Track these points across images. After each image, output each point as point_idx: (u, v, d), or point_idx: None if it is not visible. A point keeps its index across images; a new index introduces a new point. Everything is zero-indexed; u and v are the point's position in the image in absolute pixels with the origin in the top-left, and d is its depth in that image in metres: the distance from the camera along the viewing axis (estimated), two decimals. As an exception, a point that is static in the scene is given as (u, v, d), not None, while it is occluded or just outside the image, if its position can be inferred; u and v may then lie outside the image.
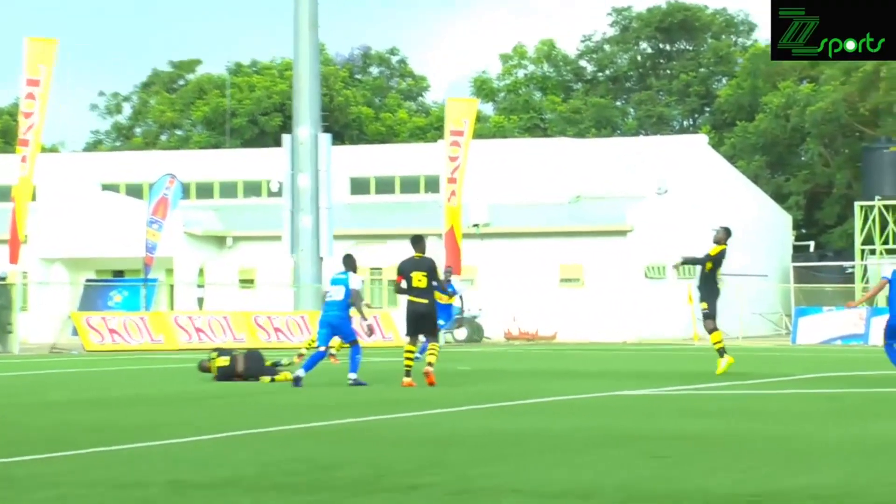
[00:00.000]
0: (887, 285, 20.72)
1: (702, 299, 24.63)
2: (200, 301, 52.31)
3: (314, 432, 14.32)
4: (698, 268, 25.23)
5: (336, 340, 22.75)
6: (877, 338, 41.06)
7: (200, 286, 52.81)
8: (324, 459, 11.86)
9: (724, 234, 24.81)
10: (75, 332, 39.26)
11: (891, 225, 56.78)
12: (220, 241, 54.95)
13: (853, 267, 56.56)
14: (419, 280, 20.74)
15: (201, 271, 53.66)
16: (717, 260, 24.56)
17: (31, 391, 21.64)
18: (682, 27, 76.89)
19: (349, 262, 21.86)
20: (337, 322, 21.32)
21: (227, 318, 41.04)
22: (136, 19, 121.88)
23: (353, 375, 21.09)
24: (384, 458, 11.88)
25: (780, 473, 10.95)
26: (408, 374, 20.87)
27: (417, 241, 21.17)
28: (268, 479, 10.76)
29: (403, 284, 20.93)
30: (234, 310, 43.54)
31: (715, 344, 24.36)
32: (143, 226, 43.78)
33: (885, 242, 56.84)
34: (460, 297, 29.43)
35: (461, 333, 47.05)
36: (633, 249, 51.13)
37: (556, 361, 31.51)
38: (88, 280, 52.02)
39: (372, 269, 51.63)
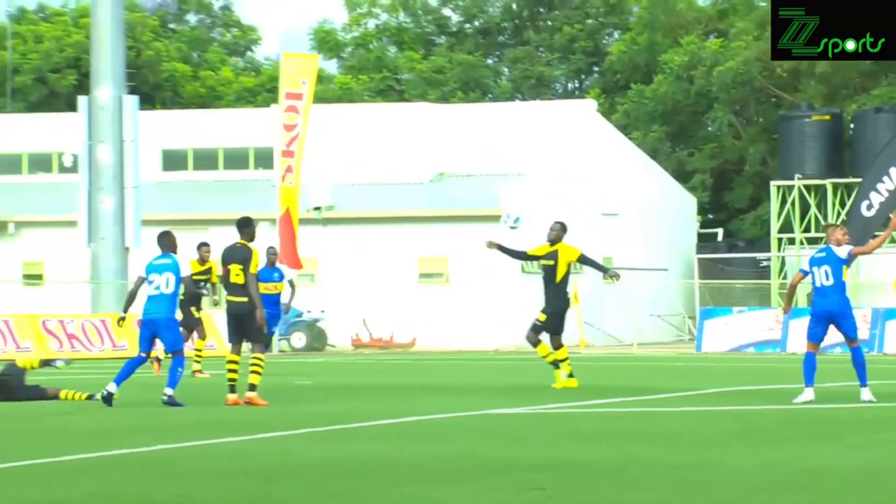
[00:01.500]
0: (803, 278, 21.15)
1: (543, 309, 24.76)
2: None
3: (118, 461, 14.20)
4: (583, 264, 25.41)
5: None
6: (796, 344, 41.86)
7: (-26, 283, 52.14)
8: (128, 495, 11.79)
9: (561, 231, 24.95)
10: None
11: (812, 209, 57.47)
12: (0, 227, 54.32)
13: (769, 259, 57.43)
14: (236, 274, 20.51)
15: (-24, 265, 52.97)
16: (536, 259, 24.89)
17: None
18: (566, -30, 77.48)
19: (169, 242, 20.97)
20: (163, 322, 20.64)
21: (8, 322, 40.52)
22: None
23: (169, 391, 20.73)
24: (202, 494, 11.84)
25: (682, 507, 11.10)
26: (232, 389, 20.73)
27: (245, 225, 20.86)
28: (58, 520, 10.65)
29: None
30: (18, 312, 43.00)
31: (544, 356, 24.72)
32: None
33: (807, 230, 57.52)
34: (291, 286, 28.47)
35: (299, 340, 46.97)
36: (508, 236, 51.42)
37: (415, 374, 31.59)
38: None
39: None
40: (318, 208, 51.49)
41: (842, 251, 20.50)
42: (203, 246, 29.35)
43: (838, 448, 15.26)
